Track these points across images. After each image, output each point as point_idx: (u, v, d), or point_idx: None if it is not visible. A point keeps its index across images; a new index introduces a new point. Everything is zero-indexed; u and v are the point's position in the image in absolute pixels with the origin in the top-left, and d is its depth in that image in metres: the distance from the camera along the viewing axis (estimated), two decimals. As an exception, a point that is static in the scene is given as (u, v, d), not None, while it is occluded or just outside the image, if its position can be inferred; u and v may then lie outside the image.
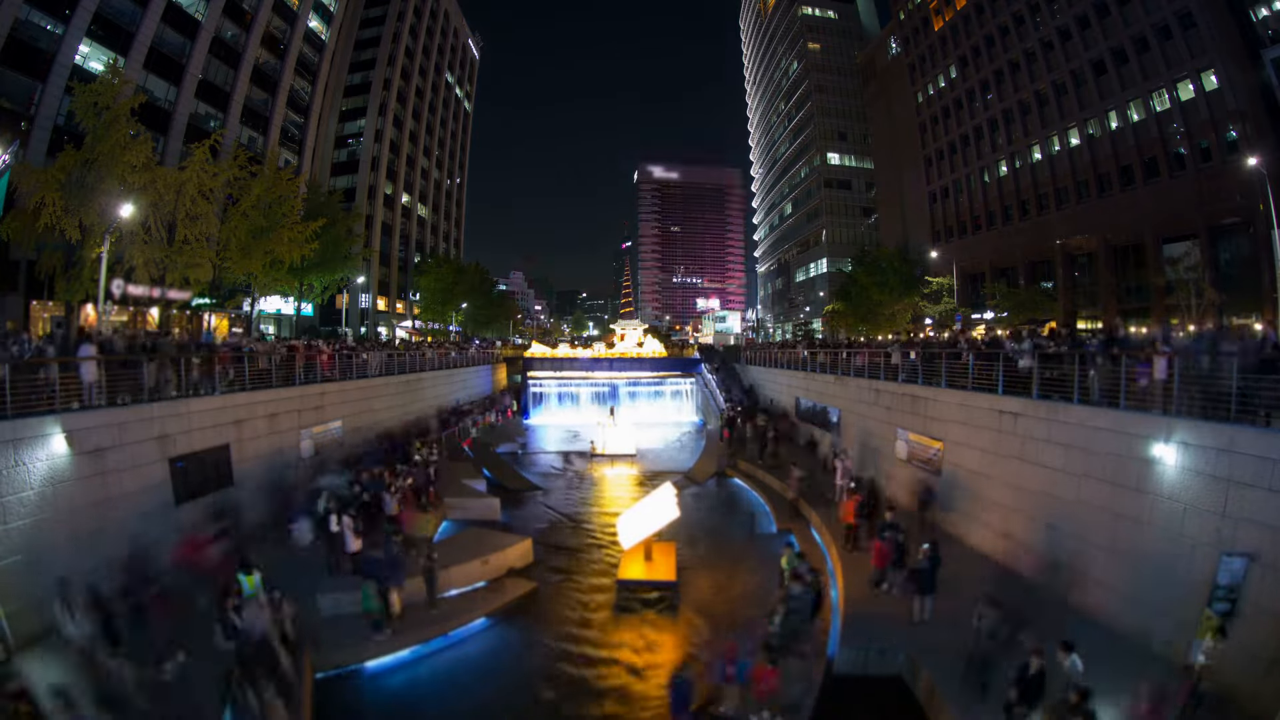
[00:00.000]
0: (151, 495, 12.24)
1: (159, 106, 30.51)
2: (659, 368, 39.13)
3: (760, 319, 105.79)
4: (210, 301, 30.93)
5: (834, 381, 22.53)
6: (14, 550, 9.47)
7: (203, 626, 9.52)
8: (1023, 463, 12.23)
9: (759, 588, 12.76)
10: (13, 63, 24.61)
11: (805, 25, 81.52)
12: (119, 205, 18.06)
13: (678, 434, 32.09)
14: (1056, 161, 39.79)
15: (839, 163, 78.13)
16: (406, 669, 10.34)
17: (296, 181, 28.58)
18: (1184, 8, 30.34)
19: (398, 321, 59.64)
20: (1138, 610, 9.23)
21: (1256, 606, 7.82)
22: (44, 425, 10.25)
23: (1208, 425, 8.85)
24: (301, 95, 44.75)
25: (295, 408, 17.36)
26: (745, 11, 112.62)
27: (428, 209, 69.90)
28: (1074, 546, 10.63)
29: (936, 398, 15.53)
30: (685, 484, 21.23)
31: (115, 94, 19.29)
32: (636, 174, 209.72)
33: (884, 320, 41.01)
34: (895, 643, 9.76)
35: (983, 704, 7.96)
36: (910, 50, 55.50)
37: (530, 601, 12.72)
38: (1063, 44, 38.06)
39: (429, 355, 29.44)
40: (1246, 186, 25.57)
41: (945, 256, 46.92)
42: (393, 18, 60.77)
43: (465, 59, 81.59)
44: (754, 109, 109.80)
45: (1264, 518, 7.91)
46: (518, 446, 27.83)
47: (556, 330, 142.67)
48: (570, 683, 10.00)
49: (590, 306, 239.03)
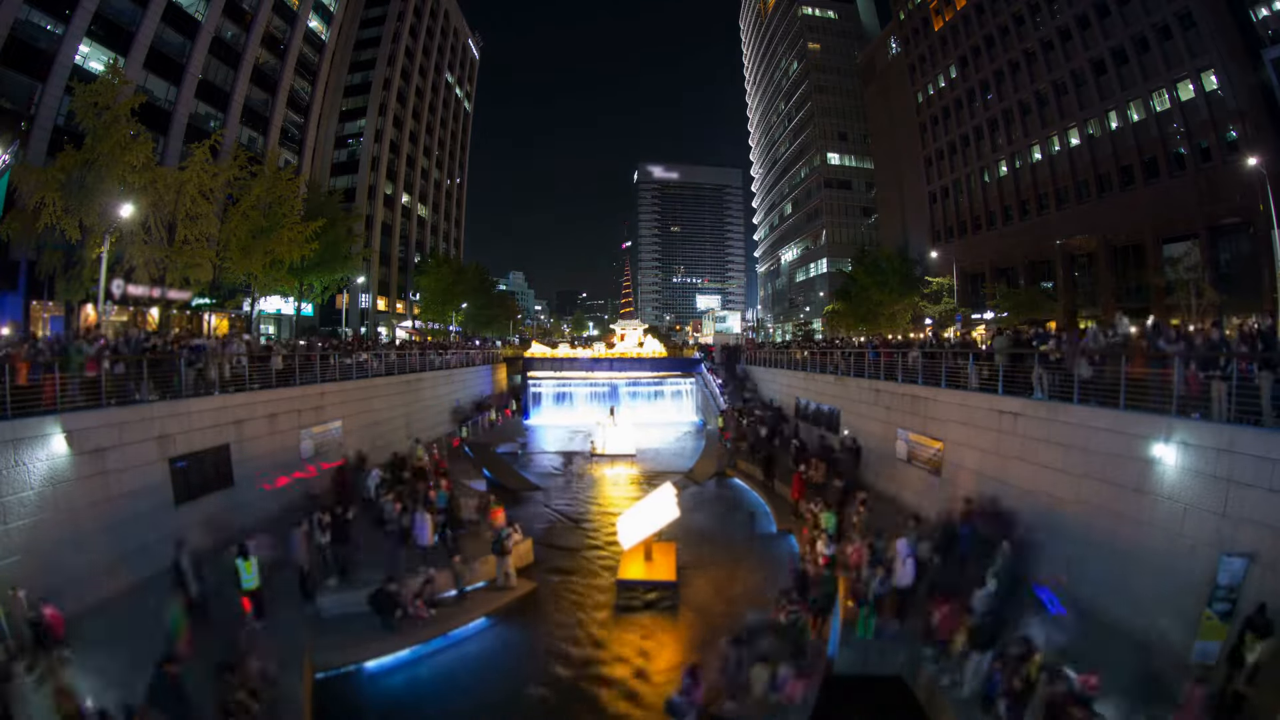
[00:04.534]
0: (151, 495, 12.25)
1: (159, 106, 30.50)
2: (659, 368, 39.12)
3: (760, 319, 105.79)
4: (210, 301, 30.94)
5: (834, 381, 22.52)
6: (14, 550, 9.47)
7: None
8: (1023, 463, 12.24)
9: (759, 588, 12.74)
10: (13, 63, 24.59)
11: (805, 25, 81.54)
12: (119, 205, 18.07)
13: (677, 434, 32.08)
14: (1056, 161, 39.79)
15: (839, 163, 78.14)
16: (406, 669, 10.33)
17: (296, 181, 28.56)
18: (1184, 8, 30.34)
19: (398, 321, 59.63)
20: (1138, 610, 9.22)
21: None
22: (44, 425, 10.26)
23: (1208, 425, 8.86)
24: (301, 95, 44.76)
25: (295, 408, 17.37)
26: (745, 11, 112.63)
27: (428, 209, 69.90)
28: (1074, 546, 10.62)
29: (936, 398, 15.53)
30: (685, 484, 21.21)
31: (115, 94, 19.26)
32: (636, 174, 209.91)
33: (884, 320, 41.01)
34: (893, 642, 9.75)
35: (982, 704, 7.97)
36: (910, 50, 55.50)
37: (530, 601, 12.71)
38: (1063, 44, 38.06)
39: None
40: (1246, 186, 25.55)
41: (945, 256, 46.92)
42: (393, 18, 60.79)
43: (465, 59, 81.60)
44: (754, 109, 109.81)
45: (1264, 518, 7.91)
46: (518, 446, 27.80)
47: (556, 330, 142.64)
48: (570, 683, 9.99)
49: (590, 306, 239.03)
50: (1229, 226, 28.87)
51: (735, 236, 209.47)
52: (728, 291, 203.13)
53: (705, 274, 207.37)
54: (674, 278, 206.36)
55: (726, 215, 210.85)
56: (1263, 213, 22.94)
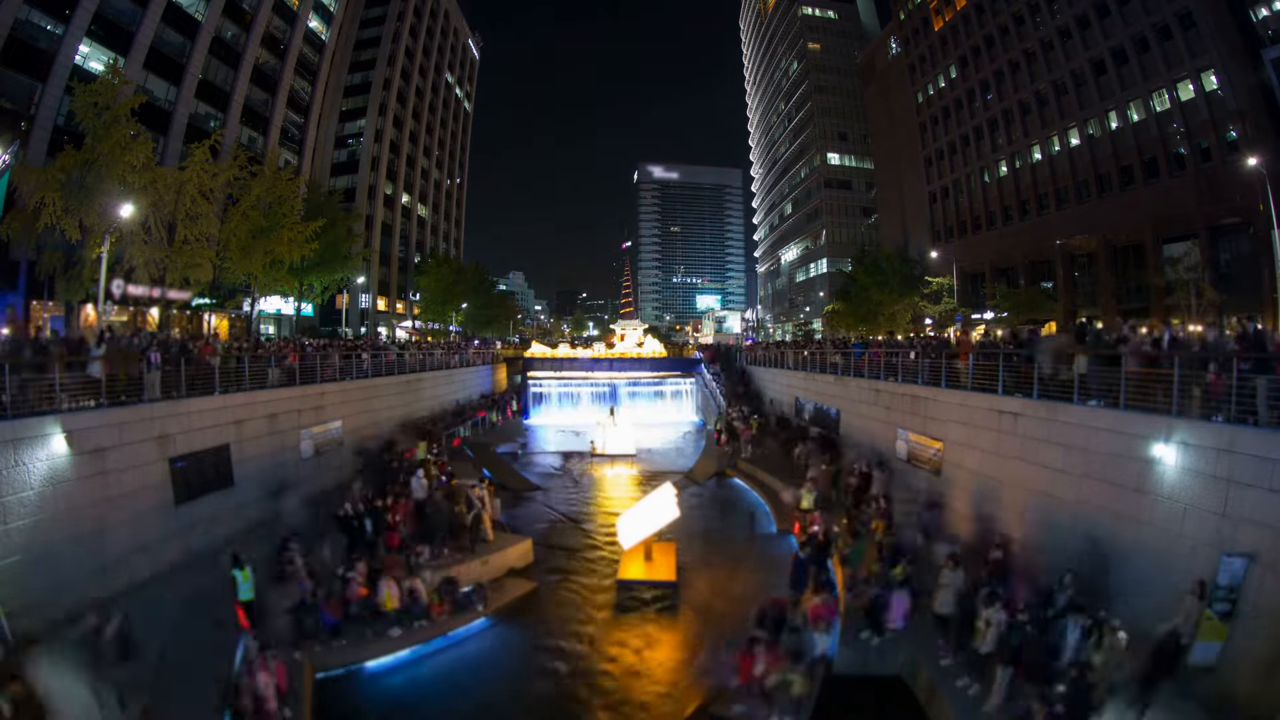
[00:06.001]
0: (151, 495, 12.25)
1: (159, 106, 30.51)
2: (659, 368, 39.10)
3: (760, 319, 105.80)
4: (210, 301, 30.94)
5: (834, 381, 22.52)
6: (14, 550, 9.47)
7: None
8: (1023, 463, 12.24)
9: (759, 588, 12.73)
10: (13, 63, 24.61)
11: (805, 25, 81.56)
12: (119, 205, 18.08)
13: (678, 434, 32.07)
14: (1056, 161, 39.78)
15: (839, 163, 78.16)
16: (406, 669, 10.32)
17: (296, 181, 28.58)
18: (1184, 8, 30.33)
19: (398, 321, 59.65)
20: (1138, 610, 9.21)
21: (1256, 606, 7.81)
22: (44, 425, 10.25)
23: (1208, 425, 8.85)
24: (301, 95, 44.77)
25: (295, 408, 17.36)
26: (745, 11, 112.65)
27: (428, 209, 69.92)
28: (1074, 546, 10.62)
29: (936, 398, 15.52)
30: (685, 484, 21.21)
31: (115, 94, 19.29)
32: (636, 174, 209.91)
33: (884, 320, 41.01)
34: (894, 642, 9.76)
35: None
36: (910, 50, 55.50)
37: (530, 601, 12.71)
38: (1063, 44, 38.06)
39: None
40: (1246, 186, 25.54)
41: (945, 256, 46.91)
42: (393, 18, 60.81)
43: (465, 59, 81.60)
44: (754, 109, 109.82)
45: (1264, 518, 7.90)
46: (518, 446, 27.79)
47: (556, 330, 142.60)
48: (570, 683, 9.99)
49: (590, 306, 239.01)
50: (1229, 226, 28.86)
51: (735, 236, 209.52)
52: (728, 291, 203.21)
53: (705, 274, 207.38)
54: (674, 278, 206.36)
55: (726, 215, 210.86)
56: (1263, 213, 22.94)
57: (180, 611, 10.30)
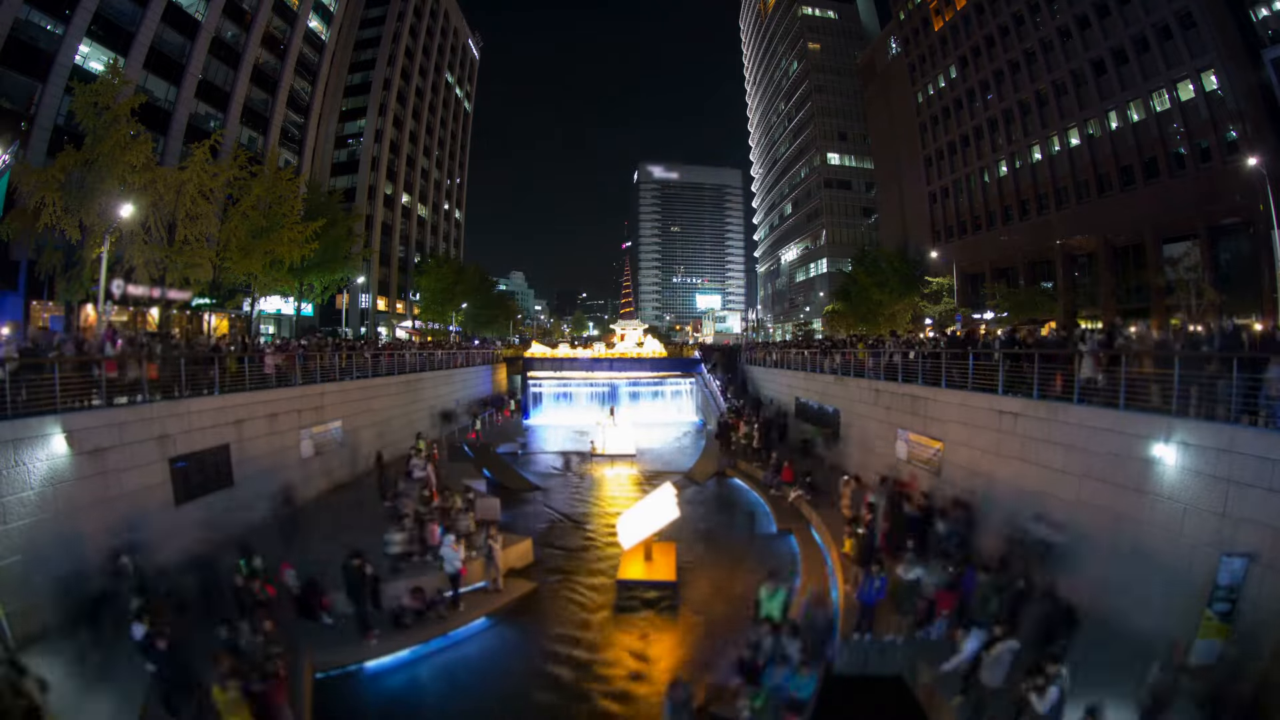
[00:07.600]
0: (151, 495, 12.24)
1: (159, 106, 30.51)
2: (659, 368, 39.07)
3: (760, 319, 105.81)
4: (210, 301, 30.93)
5: (834, 381, 22.52)
6: (14, 550, 9.47)
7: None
8: (1023, 463, 12.23)
9: (758, 588, 12.71)
10: (13, 63, 24.60)
11: (805, 25, 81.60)
12: (119, 205, 18.05)
13: (678, 434, 32.06)
14: (1056, 161, 39.78)
15: (839, 163, 78.18)
16: (406, 669, 10.32)
17: (296, 181, 28.55)
18: (1184, 8, 30.34)
19: (398, 321, 59.65)
20: (1138, 610, 9.22)
21: (1256, 606, 7.82)
22: (44, 425, 10.25)
23: (1208, 425, 8.86)
24: (301, 95, 44.76)
25: (295, 408, 17.36)
26: (745, 12, 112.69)
27: (428, 209, 69.93)
28: (1074, 546, 10.62)
29: (936, 398, 15.52)
30: (685, 484, 21.20)
31: (115, 94, 19.26)
32: (636, 174, 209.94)
33: (884, 320, 41.01)
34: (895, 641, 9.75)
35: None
36: (910, 50, 55.50)
37: (530, 602, 12.71)
38: (1063, 44, 38.06)
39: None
40: (1246, 186, 25.54)
41: (945, 256, 46.89)
42: (393, 18, 60.82)
43: (465, 59, 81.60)
44: (754, 109, 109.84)
45: (1264, 518, 7.91)
46: (518, 446, 27.77)
47: (556, 330, 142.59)
48: (570, 683, 9.99)
49: (590, 306, 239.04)
50: (1229, 226, 28.86)
51: (735, 236, 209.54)
52: (728, 291, 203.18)
53: (705, 274, 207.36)
54: (674, 278, 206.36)
55: (726, 215, 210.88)
56: (1263, 213, 22.94)
57: (178, 612, 10.27)
